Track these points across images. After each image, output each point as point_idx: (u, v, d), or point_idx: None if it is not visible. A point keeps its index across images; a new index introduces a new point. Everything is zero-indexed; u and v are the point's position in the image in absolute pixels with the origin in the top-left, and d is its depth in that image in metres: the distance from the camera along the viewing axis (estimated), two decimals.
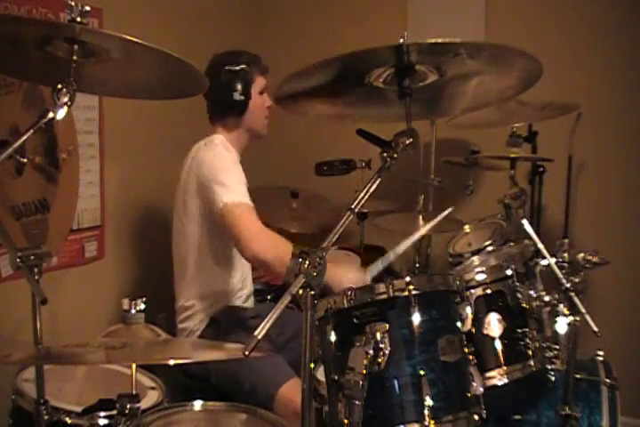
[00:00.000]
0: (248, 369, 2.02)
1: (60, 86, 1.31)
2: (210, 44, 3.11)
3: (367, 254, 2.93)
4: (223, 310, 2.25)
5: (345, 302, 1.41)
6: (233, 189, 2.11)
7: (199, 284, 2.26)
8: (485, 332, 1.66)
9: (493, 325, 1.67)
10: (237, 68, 2.27)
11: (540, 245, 1.64)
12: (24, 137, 1.28)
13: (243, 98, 2.27)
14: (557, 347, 1.72)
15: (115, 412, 1.43)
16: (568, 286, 1.56)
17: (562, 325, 1.58)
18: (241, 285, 2.34)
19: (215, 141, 2.26)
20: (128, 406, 1.40)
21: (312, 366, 1.22)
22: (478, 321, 1.65)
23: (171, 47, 1.30)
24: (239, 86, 2.26)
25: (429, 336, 1.41)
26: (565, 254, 1.61)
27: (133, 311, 2.14)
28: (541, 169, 2.71)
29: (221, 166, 2.16)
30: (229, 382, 2.08)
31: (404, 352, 1.38)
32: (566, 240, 1.64)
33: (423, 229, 2.35)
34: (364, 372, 1.24)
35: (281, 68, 2.32)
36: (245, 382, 2.04)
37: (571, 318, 1.56)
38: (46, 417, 1.51)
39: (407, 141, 1.33)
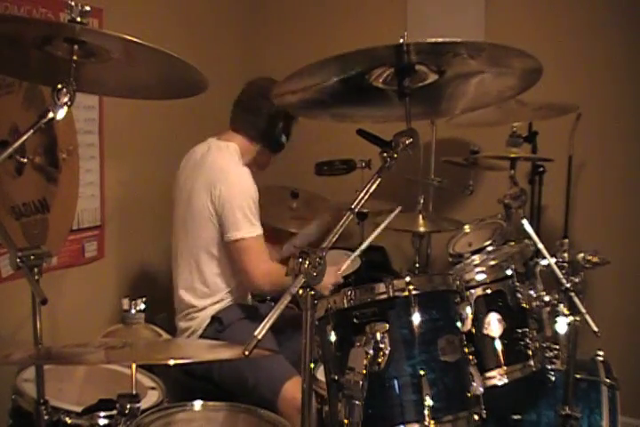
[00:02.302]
0: (252, 365, 2.03)
1: (60, 86, 1.30)
2: (210, 43, 3.12)
3: (367, 254, 2.93)
4: (225, 309, 2.25)
5: (345, 302, 1.41)
6: (250, 220, 2.17)
7: (207, 282, 2.26)
8: (485, 332, 1.67)
9: (493, 325, 1.67)
10: (289, 114, 2.33)
11: (540, 245, 1.64)
12: (24, 137, 1.28)
13: (284, 143, 2.38)
14: (557, 347, 1.72)
15: (115, 412, 1.43)
16: (568, 286, 1.56)
17: (562, 325, 1.58)
18: (242, 282, 2.34)
19: (231, 150, 2.29)
20: (128, 406, 1.40)
21: (312, 366, 1.22)
22: (478, 321, 1.66)
23: (171, 47, 1.30)
24: (289, 133, 2.38)
25: (429, 336, 1.41)
26: (565, 254, 1.61)
27: (133, 311, 2.13)
28: (541, 169, 2.71)
29: (242, 187, 2.19)
30: (232, 379, 2.08)
31: (404, 352, 1.38)
32: (566, 240, 1.65)
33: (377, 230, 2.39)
34: (364, 372, 1.24)
35: (281, 67, 2.33)
36: (249, 378, 2.05)
37: (571, 318, 1.56)
38: (46, 417, 1.51)
39: (407, 141, 1.33)
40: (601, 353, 1.91)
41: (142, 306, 2.13)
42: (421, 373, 1.37)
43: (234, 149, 2.29)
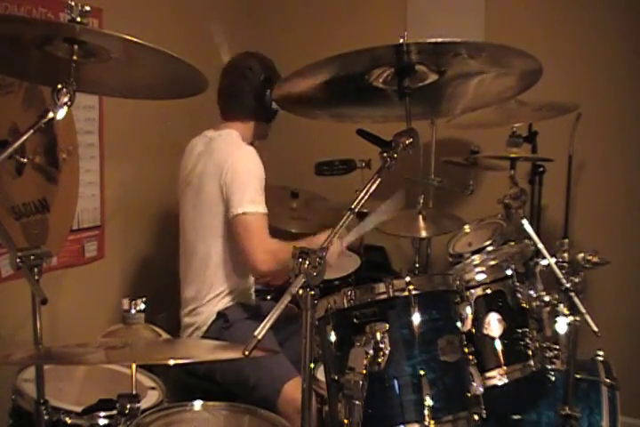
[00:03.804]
0: (254, 365, 2.02)
1: (60, 86, 1.31)
2: (210, 43, 3.12)
3: (367, 254, 2.93)
4: (230, 307, 2.25)
5: (345, 302, 1.41)
6: (254, 198, 2.15)
7: (212, 276, 2.26)
8: (485, 332, 1.66)
9: (493, 325, 1.67)
10: (274, 76, 2.32)
11: (540, 245, 1.64)
12: (24, 137, 1.28)
13: (277, 109, 2.31)
14: (557, 347, 1.72)
15: (115, 412, 1.43)
16: (568, 286, 1.56)
17: (562, 325, 1.58)
18: (248, 280, 2.35)
19: (233, 135, 2.28)
20: (128, 406, 1.40)
21: (312, 366, 1.22)
22: (478, 321, 1.65)
23: (171, 47, 1.30)
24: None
25: (429, 336, 1.41)
26: (565, 254, 1.61)
27: (133, 311, 2.14)
28: (541, 169, 2.71)
29: (248, 165, 2.19)
30: (234, 378, 2.08)
31: (404, 352, 1.38)
32: (566, 240, 1.65)
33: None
34: (364, 372, 1.24)
35: (281, 67, 2.34)
36: (251, 377, 2.05)
37: (571, 318, 1.56)
38: (46, 417, 1.51)
39: (407, 141, 1.33)
40: (601, 353, 1.91)
41: (142, 306, 2.14)
42: (421, 373, 1.37)
43: (235, 135, 2.29)
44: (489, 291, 1.71)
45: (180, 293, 2.33)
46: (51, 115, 1.30)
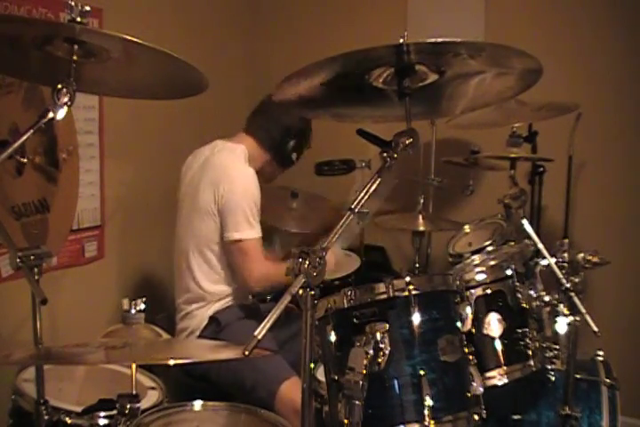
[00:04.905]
0: (250, 366, 2.03)
1: (60, 86, 1.30)
2: (210, 43, 3.12)
3: (367, 254, 2.93)
4: (224, 309, 2.25)
5: (345, 302, 1.41)
6: (250, 223, 2.17)
7: (204, 282, 2.26)
8: (485, 332, 1.66)
9: (493, 325, 1.67)
10: (307, 134, 2.40)
11: (540, 245, 1.64)
12: (24, 137, 1.28)
13: (294, 161, 2.39)
14: (557, 347, 1.72)
15: (115, 412, 1.43)
16: (568, 286, 1.56)
17: (562, 325, 1.58)
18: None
19: (237, 152, 2.28)
20: (128, 406, 1.40)
21: (312, 366, 1.22)
22: (478, 321, 1.65)
23: (171, 47, 1.30)
24: (300, 153, 2.40)
25: (429, 336, 1.41)
26: (565, 254, 1.61)
27: (133, 311, 2.14)
28: (541, 169, 2.71)
29: (245, 187, 2.20)
30: (230, 380, 2.08)
31: (404, 352, 1.38)
32: (566, 240, 1.65)
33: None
34: (364, 372, 1.24)
35: (281, 67, 2.33)
36: (247, 379, 2.05)
37: (571, 318, 1.56)
38: (46, 417, 1.51)
39: (407, 141, 1.33)
40: (601, 353, 1.91)
41: (142, 306, 2.13)
42: (421, 373, 1.37)
43: (241, 151, 2.29)
44: (489, 291, 1.71)
45: None
46: (51, 115, 1.30)
